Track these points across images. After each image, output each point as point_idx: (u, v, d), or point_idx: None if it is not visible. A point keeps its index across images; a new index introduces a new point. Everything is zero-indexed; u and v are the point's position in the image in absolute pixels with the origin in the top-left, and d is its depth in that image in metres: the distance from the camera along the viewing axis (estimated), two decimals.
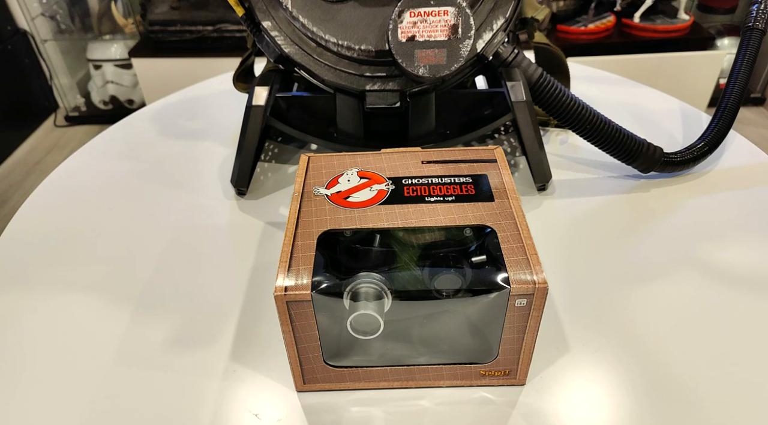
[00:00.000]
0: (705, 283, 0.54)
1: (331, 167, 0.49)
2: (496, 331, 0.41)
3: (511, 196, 0.45)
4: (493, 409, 0.44)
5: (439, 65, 0.55)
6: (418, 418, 0.43)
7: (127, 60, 2.02)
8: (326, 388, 0.45)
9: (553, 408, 0.44)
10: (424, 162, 0.49)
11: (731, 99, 0.68)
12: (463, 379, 0.45)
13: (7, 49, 2.06)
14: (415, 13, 0.54)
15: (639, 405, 0.44)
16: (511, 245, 0.40)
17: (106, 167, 0.76)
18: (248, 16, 0.62)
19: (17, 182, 2.00)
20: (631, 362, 0.47)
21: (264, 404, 0.45)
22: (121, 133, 0.84)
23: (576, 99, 0.63)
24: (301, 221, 0.43)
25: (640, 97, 0.89)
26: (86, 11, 2.20)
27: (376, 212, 0.43)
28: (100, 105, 2.27)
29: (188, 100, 0.92)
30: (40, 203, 0.70)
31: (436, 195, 0.45)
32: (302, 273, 0.39)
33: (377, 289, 0.40)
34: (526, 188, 0.68)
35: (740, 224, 0.62)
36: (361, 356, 0.44)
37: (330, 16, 0.59)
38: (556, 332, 0.50)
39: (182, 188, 0.71)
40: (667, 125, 0.81)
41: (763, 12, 0.66)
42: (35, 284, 0.57)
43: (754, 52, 0.67)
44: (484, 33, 0.60)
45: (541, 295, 0.38)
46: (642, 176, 0.69)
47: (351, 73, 0.61)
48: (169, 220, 0.65)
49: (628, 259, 0.57)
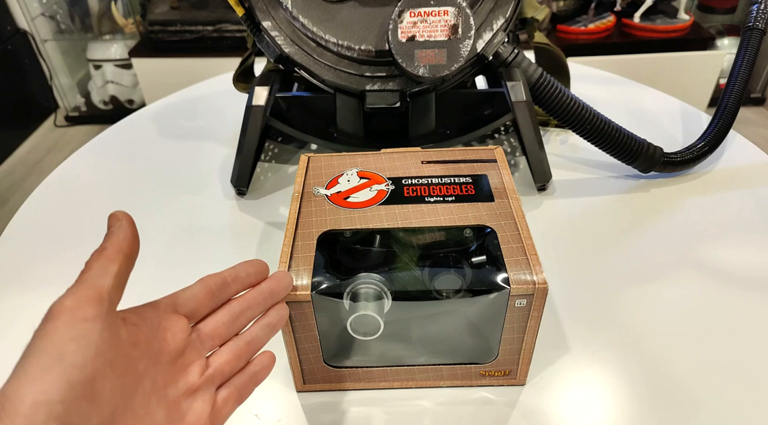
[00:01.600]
0: (705, 283, 0.54)
1: (331, 167, 0.49)
2: (496, 331, 0.41)
3: (511, 196, 0.45)
4: (493, 409, 0.44)
5: (439, 65, 0.55)
6: (418, 418, 0.43)
7: (127, 60, 2.02)
8: (326, 388, 0.45)
9: (553, 408, 0.44)
10: (424, 162, 0.49)
11: (731, 99, 0.68)
12: (463, 379, 0.45)
13: (7, 49, 2.06)
14: (415, 13, 0.54)
15: (639, 405, 0.44)
16: (511, 245, 0.40)
17: (106, 167, 0.76)
18: (248, 16, 0.62)
19: (17, 182, 2.00)
20: (631, 362, 0.47)
21: (264, 404, 0.45)
22: (121, 133, 0.84)
23: (576, 99, 0.63)
24: (301, 221, 0.43)
25: (640, 97, 0.88)
26: (86, 11, 2.20)
27: (376, 213, 0.43)
28: (100, 105, 2.26)
29: (188, 100, 0.92)
30: (40, 203, 0.70)
31: (436, 195, 0.45)
32: (302, 274, 0.39)
33: (377, 290, 0.40)
34: (526, 188, 0.68)
35: (740, 224, 0.62)
36: (361, 356, 0.44)
37: (330, 16, 0.59)
38: (556, 332, 0.50)
39: (182, 188, 0.71)
40: (667, 125, 0.81)
41: (763, 12, 0.66)
42: (35, 284, 0.57)
43: (754, 52, 0.67)
44: (484, 33, 0.60)
45: (541, 295, 0.38)
46: (642, 176, 0.69)
47: (351, 73, 0.61)
48: (169, 220, 0.65)
49: (628, 259, 0.57)
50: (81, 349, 0.24)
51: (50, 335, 0.24)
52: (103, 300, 0.26)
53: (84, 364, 0.24)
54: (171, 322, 0.31)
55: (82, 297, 0.26)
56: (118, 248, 0.29)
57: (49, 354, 0.24)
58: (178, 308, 0.32)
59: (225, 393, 0.32)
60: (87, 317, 0.25)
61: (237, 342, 0.34)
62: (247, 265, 0.35)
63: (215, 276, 0.34)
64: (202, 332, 0.32)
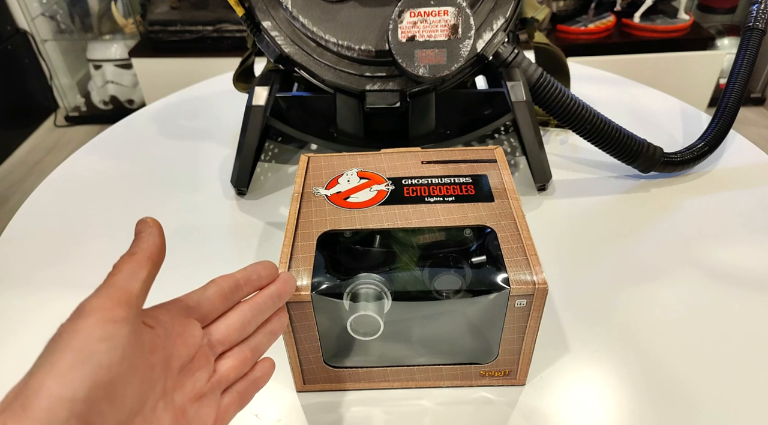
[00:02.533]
0: (705, 283, 0.54)
1: (331, 167, 0.49)
2: (496, 331, 0.41)
3: (511, 196, 0.45)
4: (493, 409, 0.44)
5: (439, 65, 0.55)
6: (418, 418, 0.43)
7: (127, 60, 2.02)
8: (326, 388, 0.45)
9: (553, 408, 0.44)
10: (424, 162, 0.49)
11: (731, 99, 0.68)
12: (463, 379, 0.45)
13: (7, 49, 2.06)
14: (415, 13, 0.54)
15: (639, 405, 0.44)
16: (511, 245, 0.40)
17: (106, 167, 0.76)
18: (248, 16, 0.62)
19: (17, 182, 2.00)
20: (630, 362, 0.47)
21: (264, 404, 0.45)
22: (121, 133, 0.84)
23: (576, 99, 0.63)
24: (301, 221, 0.43)
25: (640, 97, 0.88)
26: (86, 11, 2.20)
27: (376, 213, 0.43)
28: (100, 105, 2.26)
29: (188, 100, 0.92)
30: (40, 203, 0.70)
31: (436, 195, 0.45)
32: (302, 274, 0.39)
33: (377, 290, 0.40)
34: (526, 188, 0.68)
35: (740, 224, 0.62)
36: (361, 356, 0.44)
37: (330, 16, 0.59)
38: (556, 332, 0.50)
39: (182, 188, 0.71)
40: (667, 125, 0.81)
41: (763, 12, 0.66)
42: (35, 284, 0.57)
43: (754, 52, 0.67)
44: (484, 33, 0.60)
45: (541, 295, 0.38)
46: (642, 176, 0.69)
47: (351, 73, 0.61)
48: (169, 220, 0.65)
49: (628, 259, 0.57)
50: (109, 350, 0.24)
51: (79, 333, 0.24)
52: (132, 304, 0.26)
53: (110, 365, 0.24)
54: (184, 327, 0.30)
55: (112, 298, 0.26)
56: (148, 255, 0.29)
57: (77, 351, 0.24)
58: (191, 312, 0.31)
59: (228, 399, 0.32)
60: (117, 319, 0.25)
61: (243, 348, 0.33)
62: (260, 267, 0.35)
63: (228, 278, 0.33)
64: (213, 337, 0.32)
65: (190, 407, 0.29)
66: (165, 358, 0.28)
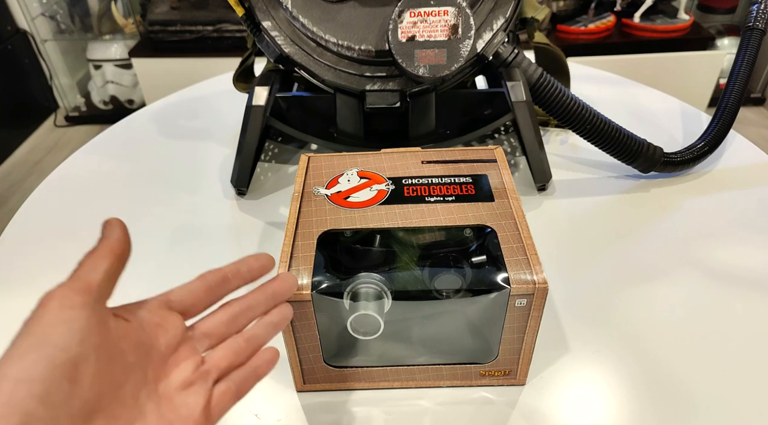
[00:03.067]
0: (705, 283, 0.54)
1: (331, 167, 0.49)
2: (496, 331, 0.41)
3: (511, 196, 0.45)
4: (493, 409, 0.44)
5: (439, 65, 0.55)
6: (418, 418, 0.43)
7: (127, 60, 2.02)
8: (326, 388, 0.45)
9: (553, 408, 0.44)
10: (424, 162, 0.49)
11: (731, 99, 0.68)
12: (463, 379, 0.45)
13: (7, 49, 2.06)
14: (415, 13, 0.54)
15: (639, 405, 0.44)
16: (511, 245, 0.40)
17: (106, 167, 0.76)
18: (248, 16, 0.62)
19: (17, 182, 2.00)
20: (631, 362, 0.47)
21: (264, 404, 0.45)
22: (121, 133, 0.84)
23: (576, 99, 0.63)
24: (301, 221, 0.43)
25: (640, 97, 0.88)
26: (86, 11, 2.20)
27: (376, 212, 0.43)
28: (100, 105, 2.26)
29: (188, 100, 0.92)
30: (40, 203, 0.70)
31: (436, 195, 0.45)
32: (302, 273, 0.39)
33: (377, 289, 0.40)
34: (526, 188, 0.68)
35: (740, 224, 0.62)
36: (361, 356, 0.44)
37: (330, 16, 0.59)
38: (556, 332, 0.50)
39: (182, 188, 0.71)
40: (667, 125, 0.81)
41: (763, 12, 0.66)
42: (35, 284, 0.57)
43: (754, 52, 0.67)
44: (484, 33, 0.60)
45: (541, 295, 0.38)
46: (642, 176, 0.69)
47: (351, 73, 0.61)
48: (169, 220, 0.65)
49: (628, 259, 0.57)
50: (66, 332, 0.25)
51: (38, 319, 0.25)
52: (91, 291, 0.27)
53: (68, 346, 0.25)
54: (163, 319, 0.31)
55: (72, 288, 0.27)
56: (109, 249, 0.30)
57: (34, 336, 0.25)
58: (171, 305, 0.32)
59: (222, 387, 0.32)
60: (74, 305, 0.26)
61: (236, 338, 0.34)
62: (252, 259, 0.35)
63: (215, 272, 0.34)
64: (198, 330, 0.33)
65: (177, 395, 0.30)
66: (142, 348, 0.29)
